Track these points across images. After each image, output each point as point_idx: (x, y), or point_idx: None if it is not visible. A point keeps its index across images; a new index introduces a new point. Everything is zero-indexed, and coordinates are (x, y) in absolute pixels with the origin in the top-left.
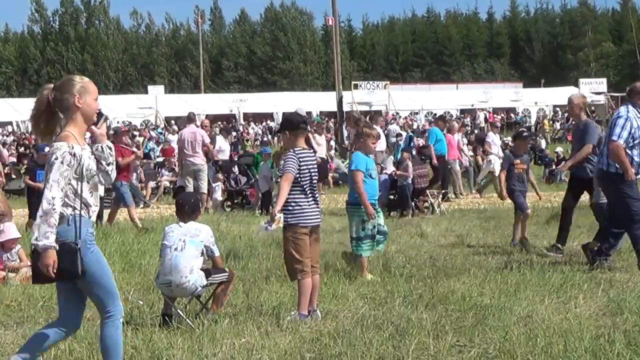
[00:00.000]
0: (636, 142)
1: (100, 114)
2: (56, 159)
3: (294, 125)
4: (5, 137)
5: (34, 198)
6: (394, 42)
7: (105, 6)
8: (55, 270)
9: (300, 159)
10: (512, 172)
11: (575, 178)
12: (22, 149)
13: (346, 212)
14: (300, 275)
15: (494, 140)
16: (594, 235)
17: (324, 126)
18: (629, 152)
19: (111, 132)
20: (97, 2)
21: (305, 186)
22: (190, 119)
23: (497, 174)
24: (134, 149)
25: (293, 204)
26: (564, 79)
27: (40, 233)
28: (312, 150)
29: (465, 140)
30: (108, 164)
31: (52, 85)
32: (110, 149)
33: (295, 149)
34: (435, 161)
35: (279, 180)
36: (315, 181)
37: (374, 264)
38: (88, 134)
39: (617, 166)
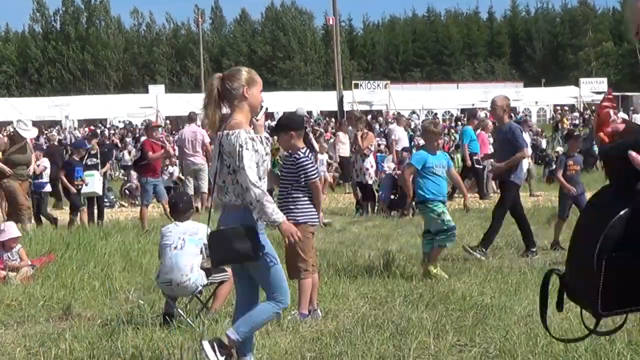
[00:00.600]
0: None
1: (260, 106)
2: (240, 146)
3: (299, 125)
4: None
5: (71, 194)
6: (394, 42)
7: (106, 5)
8: (233, 253)
9: (310, 158)
10: (565, 174)
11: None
12: None
13: (419, 212)
14: (303, 275)
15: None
16: None
17: (346, 125)
18: None
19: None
20: (98, 2)
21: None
22: (191, 118)
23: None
24: (166, 144)
25: (302, 202)
26: (564, 78)
27: (271, 212)
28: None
29: (491, 139)
30: (266, 154)
31: (221, 75)
32: (267, 139)
33: (302, 149)
34: (469, 162)
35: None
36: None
37: (375, 263)
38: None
39: None
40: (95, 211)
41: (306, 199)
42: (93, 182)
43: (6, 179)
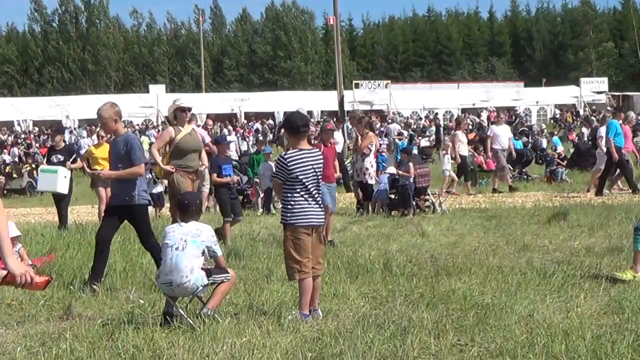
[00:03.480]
0: None
1: None
2: None
3: (294, 129)
4: (7, 137)
5: (224, 195)
6: (394, 42)
7: (104, 5)
8: None
9: (290, 162)
10: None
11: (115, 206)
12: (23, 147)
13: None
14: (297, 275)
15: None
16: (592, 234)
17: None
18: None
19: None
20: (97, 1)
21: (307, 185)
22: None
23: None
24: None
25: (293, 203)
26: (565, 78)
27: None
28: (314, 150)
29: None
30: None
31: None
32: None
33: (289, 151)
34: (615, 156)
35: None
36: (319, 180)
37: (375, 263)
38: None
39: None
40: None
41: (296, 199)
42: (55, 179)
43: (174, 174)
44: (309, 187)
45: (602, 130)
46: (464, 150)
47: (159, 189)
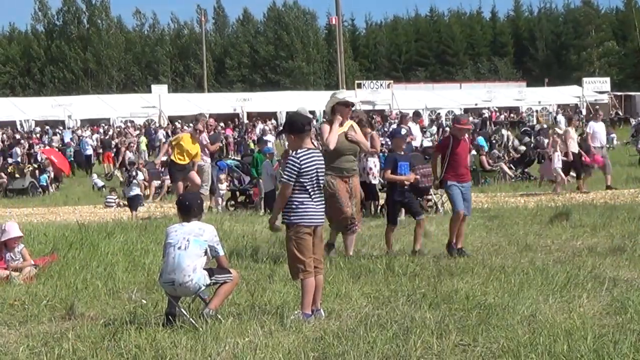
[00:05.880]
0: None
1: None
2: None
3: (299, 128)
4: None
5: (394, 197)
6: (397, 42)
7: (106, 5)
8: None
9: (302, 161)
10: None
11: None
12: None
13: None
14: (301, 275)
15: None
16: (595, 234)
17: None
18: None
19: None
20: (99, 2)
21: (309, 185)
22: (196, 119)
23: None
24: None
25: (297, 202)
26: (567, 78)
27: None
28: (317, 150)
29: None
30: None
31: None
32: None
33: (298, 150)
34: None
35: (281, 180)
36: (321, 180)
37: (378, 263)
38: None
39: None
40: None
41: (302, 198)
42: None
43: (326, 176)
44: (313, 186)
45: None
46: (575, 146)
47: (135, 191)
